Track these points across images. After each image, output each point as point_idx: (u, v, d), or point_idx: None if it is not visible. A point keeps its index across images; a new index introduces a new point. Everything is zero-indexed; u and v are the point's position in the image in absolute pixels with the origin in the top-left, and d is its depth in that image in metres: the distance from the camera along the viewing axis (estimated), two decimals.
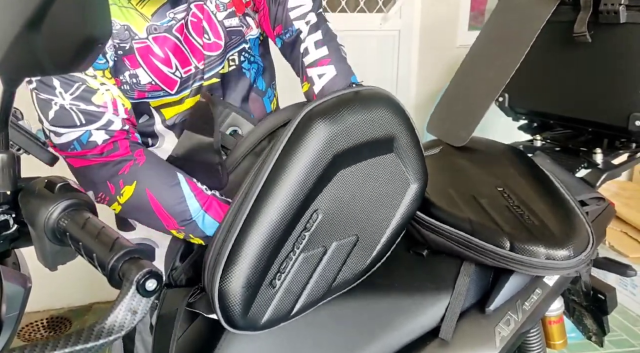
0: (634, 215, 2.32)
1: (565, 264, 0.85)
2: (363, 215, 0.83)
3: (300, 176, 0.76)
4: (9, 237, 0.64)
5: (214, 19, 0.98)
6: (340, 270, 0.84)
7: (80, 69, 0.56)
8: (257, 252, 0.75)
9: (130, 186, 0.88)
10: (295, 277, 0.79)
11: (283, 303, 0.79)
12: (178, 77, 0.96)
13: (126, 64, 0.92)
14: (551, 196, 0.97)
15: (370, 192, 0.83)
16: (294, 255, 0.79)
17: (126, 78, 0.93)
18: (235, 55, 1.04)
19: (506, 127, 1.45)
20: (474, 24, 2.52)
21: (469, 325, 0.91)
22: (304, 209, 0.77)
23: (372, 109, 0.80)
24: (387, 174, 0.84)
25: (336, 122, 0.77)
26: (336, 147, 0.77)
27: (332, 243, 0.81)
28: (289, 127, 0.78)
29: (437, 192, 1.01)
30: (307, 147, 0.76)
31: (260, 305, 0.78)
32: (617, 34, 1.08)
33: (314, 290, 0.82)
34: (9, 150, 0.61)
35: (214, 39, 0.99)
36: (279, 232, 0.76)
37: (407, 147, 0.85)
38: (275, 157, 0.77)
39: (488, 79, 1.17)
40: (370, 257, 0.86)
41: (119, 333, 0.50)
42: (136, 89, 0.95)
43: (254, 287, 0.76)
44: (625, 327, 2.21)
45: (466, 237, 0.91)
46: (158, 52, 0.94)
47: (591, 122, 1.18)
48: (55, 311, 2.31)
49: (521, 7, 1.18)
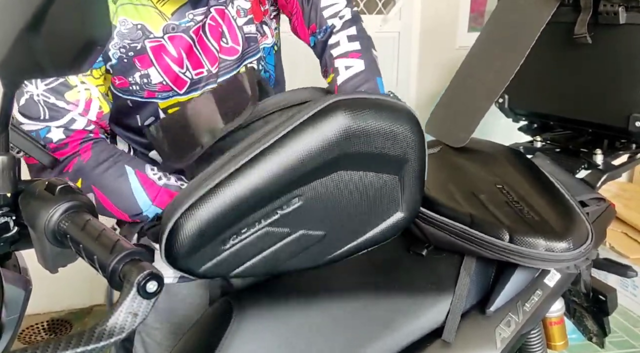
0: (635, 216, 2.32)
1: (565, 256, 0.85)
2: (339, 219, 0.81)
3: (302, 157, 0.74)
4: (10, 240, 0.63)
5: (234, 24, 0.98)
6: (293, 258, 0.81)
7: (80, 71, 0.56)
8: (229, 204, 0.72)
9: (77, 183, 0.87)
10: (249, 245, 0.77)
11: (225, 263, 0.77)
12: (188, 78, 0.96)
13: (136, 65, 0.92)
14: (551, 194, 0.97)
15: (357, 202, 0.81)
16: (258, 225, 0.76)
17: (136, 79, 0.93)
18: (254, 63, 1.03)
19: (506, 128, 1.45)
20: (473, 25, 2.53)
21: (469, 326, 0.91)
22: (289, 189, 0.75)
23: (398, 124, 0.78)
24: (382, 193, 0.82)
25: (359, 121, 0.75)
26: (347, 146, 0.75)
27: (299, 230, 0.79)
28: (312, 107, 0.76)
29: (436, 188, 1.01)
30: (320, 133, 0.74)
31: (204, 256, 0.75)
32: (616, 34, 1.08)
33: (260, 263, 0.79)
34: (9, 153, 0.61)
35: (232, 43, 0.98)
36: (257, 198, 0.73)
37: (414, 176, 0.83)
38: (287, 129, 0.75)
39: (488, 81, 1.17)
40: (326, 258, 0.83)
41: (120, 336, 0.50)
42: (146, 89, 0.94)
43: (210, 233, 0.73)
44: (626, 328, 2.21)
45: (466, 229, 0.91)
46: (172, 52, 0.93)
47: (591, 123, 1.18)
48: (55, 313, 2.31)
49: (521, 9, 1.18)
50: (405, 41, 2.52)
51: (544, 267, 0.87)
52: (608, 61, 1.11)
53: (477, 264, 0.94)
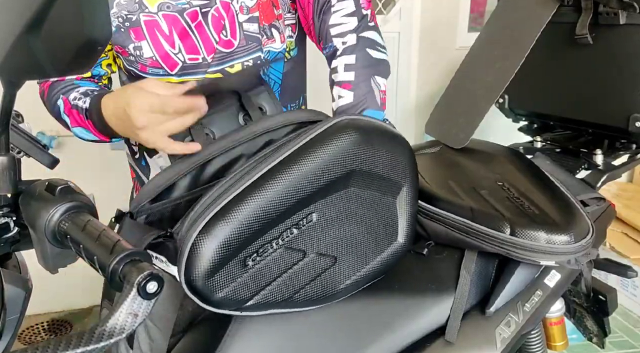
0: (635, 216, 2.32)
1: (566, 249, 0.85)
2: (348, 242, 0.83)
3: (317, 170, 0.75)
4: (10, 240, 0.64)
5: (236, 19, 1.00)
6: (309, 284, 0.81)
7: (81, 71, 0.56)
8: (248, 219, 0.72)
9: None
10: (268, 267, 0.77)
11: (245, 287, 0.76)
12: (180, 60, 0.98)
13: (131, 36, 0.96)
14: (551, 191, 0.97)
15: (363, 223, 0.83)
16: (276, 245, 0.77)
17: (131, 50, 0.97)
18: (250, 62, 1.03)
19: (506, 128, 1.45)
20: (473, 25, 2.53)
21: (469, 326, 0.91)
22: (305, 204, 0.77)
23: (396, 150, 0.84)
24: (384, 216, 0.85)
25: (366, 142, 0.79)
26: (357, 163, 0.79)
27: (312, 253, 0.80)
28: (323, 124, 0.80)
29: (437, 184, 1.02)
30: (333, 147, 0.77)
31: (225, 277, 0.74)
32: (617, 35, 1.08)
33: (277, 289, 0.79)
34: (9, 153, 0.61)
35: (230, 36, 1.00)
36: (276, 212, 0.74)
37: (408, 202, 0.87)
38: (300, 142, 0.77)
39: (488, 81, 1.17)
40: (337, 288, 0.84)
41: (120, 336, 0.50)
42: (139, 62, 0.98)
43: (230, 253, 0.72)
44: (626, 328, 2.21)
45: (467, 222, 0.91)
46: (164, 29, 0.96)
47: (591, 123, 1.19)
48: (56, 314, 2.31)
49: (521, 9, 1.18)
50: (405, 41, 2.52)
51: (544, 260, 0.87)
52: (608, 61, 1.11)
53: (477, 264, 0.94)
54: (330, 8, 1.01)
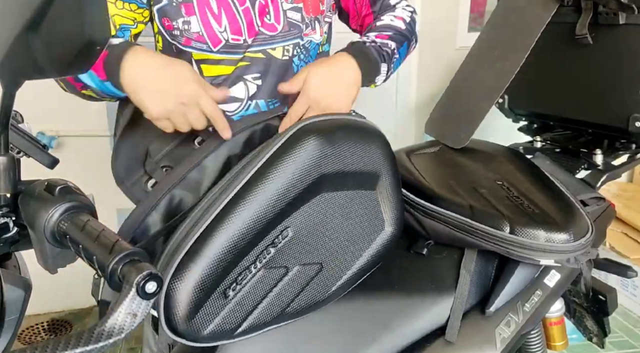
0: (635, 216, 2.32)
1: (565, 247, 0.85)
2: (332, 245, 0.81)
3: (282, 187, 0.74)
4: (9, 240, 0.63)
5: (280, 7, 1.03)
6: (297, 296, 0.80)
7: (81, 71, 0.56)
8: (219, 254, 0.71)
9: None
10: (251, 292, 0.76)
11: (231, 316, 0.75)
12: (224, 38, 1.00)
13: (181, 11, 0.98)
14: (551, 191, 0.97)
15: (344, 223, 0.81)
16: (254, 269, 0.75)
17: (178, 24, 0.99)
18: (290, 47, 1.06)
19: (506, 128, 1.45)
20: (473, 25, 2.52)
21: (469, 326, 0.91)
22: (276, 222, 0.75)
23: (365, 142, 0.81)
24: (365, 210, 0.83)
25: (329, 143, 0.77)
26: (324, 167, 0.76)
27: (295, 266, 0.78)
28: (281, 137, 0.78)
29: (437, 183, 1.01)
30: (295, 160, 0.75)
31: (208, 314, 0.73)
32: (616, 35, 1.08)
33: (266, 310, 0.78)
34: (8, 153, 0.61)
35: (273, 21, 1.03)
36: (246, 240, 0.73)
37: (390, 189, 0.85)
38: (260, 162, 0.75)
39: (488, 82, 1.17)
40: (329, 291, 0.83)
41: (119, 336, 0.50)
42: (185, 36, 0.99)
43: (206, 291, 0.71)
44: (626, 328, 2.21)
45: (467, 221, 0.91)
46: (214, 8, 0.98)
47: (591, 123, 1.19)
48: (55, 314, 2.31)
49: (521, 10, 1.18)
50: None
51: (544, 258, 0.87)
52: (608, 61, 1.11)
53: (477, 263, 0.94)
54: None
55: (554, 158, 1.19)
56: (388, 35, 1.07)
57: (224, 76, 1.03)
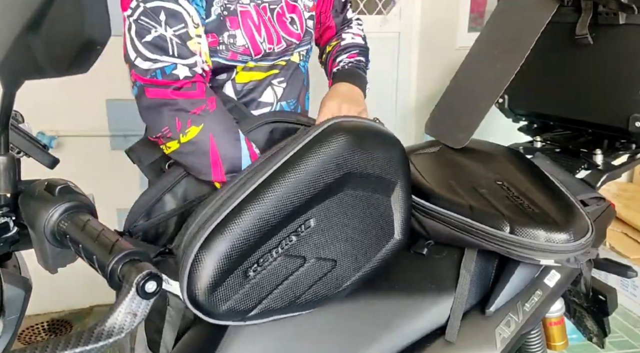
0: (635, 216, 2.32)
1: (565, 247, 0.85)
2: (347, 244, 0.83)
3: (311, 177, 0.76)
4: (9, 240, 0.64)
5: (303, 16, 1.10)
6: (309, 288, 0.82)
7: (81, 71, 0.56)
8: (247, 232, 0.73)
9: (197, 127, 0.92)
10: (269, 276, 0.78)
11: (248, 297, 0.77)
12: (263, 48, 1.04)
13: (227, 25, 1.00)
14: (551, 191, 0.97)
15: (360, 224, 0.84)
16: (276, 254, 0.77)
17: (224, 38, 1.00)
18: (304, 52, 1.15)
19: (506, 128, 1.45)
20: (473, 25, 2.52)
21: (469, 326, 0.91)
22: (301, 211, 0.77)
23: (388, 149, 0.85)
24: (380, 215, 0.86)
25: (358, 144, 0.80)
26: (351, 166, 0.79)
27: (312, 258, 0.81)
28: (313, 130, 0.81)
29: (437, 182, 1.02)
30: (326, 153, 0.77)
31: (227, 290, 0.74)
32: (616, 35, 1.08)
33: (280, 296, 0.79)
34: (9, 153, 0.61)
35: (299, 30, 1.10)
36: (273, 223, 0.75)
37: (402, 199, 0.88)
38: (293, 150, 0.78)
39: (488, 82, 1.17)
40: (338, 289, 0.85)
41: (119, 336, 0.50)
42: (231, 50, 1.01)
43: (230, 266, 0.73)
44: (626, 328, 2.21)
45: (466, 220, 0.91)
46: (255, 19, 1.02)
47: (591, 123, 1.18)
48: (55, 314, 2.31)
49: (521, 10, 1.18)
50: (405, 41, 2.52)
51: (543, 258, 0.87)
52: (608, 61, 1.11)
53: (477, 264, 0.94)
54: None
55: (554, 158, 1.19)
56: (356, 53, 1.22)
57: (255, 82, 1.08)
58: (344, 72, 1.17)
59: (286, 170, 0.76)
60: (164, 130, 0.92)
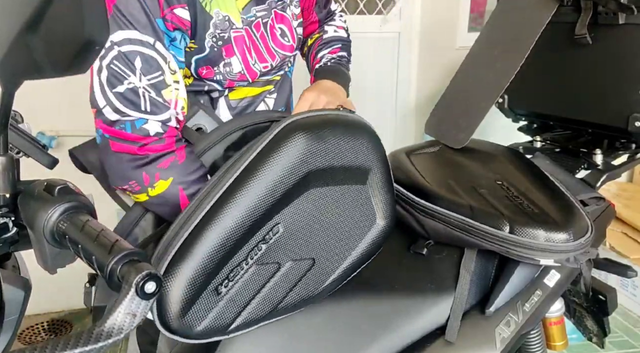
0: (634, 216, 2.32)
1: (565, 247, 0.85)
2: (323, 240, 0.81)
3: (271, 184, 0.74)
4: (9, 240, 0.63)
5: (292, 25, 1.08)
6: (290, 291, 0.80)
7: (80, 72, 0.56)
8: (209, 251, 0.71)
9: (165, 181, 0.89)
10: (243, 288, 0.76)
11: (224, 313, 0.75)
12: (257, 69, 1.03)
13: (222, 54, 0.98)
14: (550, 191, 0.97)
15: (335, 218, 0.81)
16: (246, 265, 0.75)
17: (220, 68, 0.99)
18: (292, 59, 1.15)
19: (505, 128, 1.45)
20: (473, 25, 2.52)
21: (469, 326, 0.91)
22: (266, 219, 0.75)
23: (354, 137, 0.80)
24: (356, 204, 0.83)
25: (318, 139, 0.77)
26: (312, 163, 0.76)
27: (287, 261, 0.79)
28: (269, 133, 0.77)
29: (437, 182, 1.01)
30: (283, 156, 0.74)
31: (200, 310, 0.73)
32: (616, 34, 1.08)
33: (259, 306, 0.78)
34: (8, 153, 0.61)
35: (291, 41, 1.08)
36: (236, 237, 0.73)
37: (380, 184, 0.85)
38: (248, 159, 0.75)
39: (488, 82, 1.17)
40: (322, 286, 0.83)
41: (118, 336, 0.50)
42: (228, 78, 1.00)
43: (198, 288, 0.72)
44: (626, 328, 2.21)
45: (466, 220, 0.91)
46: (247, 41, 1.00)
47: (591, 123, 1.18)
48: (55, 314, 2.31)
49: (521, 10, 1.18)
50: (405, 41, 2.52)
51: (543, 258, 0.87)
52: (607, 61, 1.11)
53: (476, 263, 0.94)
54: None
55: (554, 158, 1.19)
56: (339, 47, 1.20)
57: (250, 98, 1.07)
58: (326, 69, 1.16)
59: (244, 181, 0.73)
60: (131, 183, 0.89)
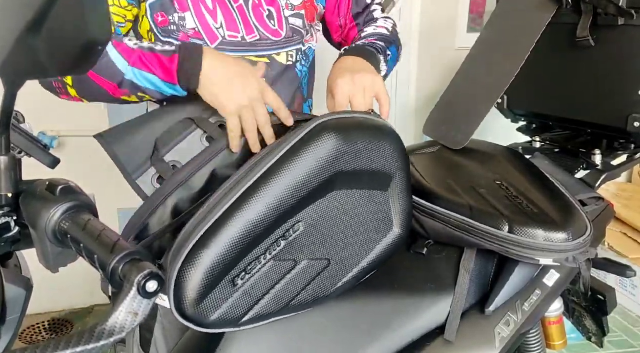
0: (633, 216, 2.32)
1: (564, 247, 0.85)
2: (341, 242, 0.81)
3: (297, 182, 0.74)
4: (11, 240, 0.64)
5: (282, 13, 1.08)
6: (303, 290, 0.80)
7: (82, 71, 0.56)
8: (230, 243, 0.72)
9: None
10: (259, 282, 0.76)
11: (238, 305, 0.76)
12: (221, 35, 1.03)
13: (175, 6, 1.00)
14: (550, 191, 0.97)
15: (355, 222, 0.81)
16: (264, 259, 0.76)
17: (174, 19, 1.01)
18: (293, 53, 1.12)
19: (505, 128, 1.45)
20: (473, 26, 2.53)
21: (469, 326, 0.91)
22: (288, 216, 0.76)
23: (382, 142, 0.80)
24: (376, 210, 0.83)
25: (347, 142, 0.77)
26: (340, 165, 0.77)
27: (303, 260, 0.79)
28: (300, 132, 0.78)
29: (436, 182, 1.02)
30: (312, 156, 0.75)
31: (216, 300, 0.74)
32: (616, 35, 1.08)
33: (272, 302, 0.78)
34: (10, 153, 0.61)
35: (277, 27, 1.08)
36: (258, 231, 0.73)
37: (401, 191, 0.85)
38: (278, 155, 0.76)
39: (487, 83, 1.17)
40: (334, 287, 0.83)
41: (120, 335, 0.50)
42: (182, 31, 1.01)
43: (216, 278, 0.72)
44: (625, 327, 2.22)
45: (466, 220, 0.91)
46: (208, 4, 1.01)
47: (590, 123, 1.19)
48: (56, 313, 2.32)
49: (521, 11, 1.19)
50: (405, 42, 2.52)
51: (542, 257, 0.87)
52: (607, 62, 1.11)
53: (476, 263, 0.94)
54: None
55: (553, 158, 1.19)
56: (375, 39, 1.15)
57: None
58: (349, 50, 1.10)
59: (270, 177, 0.74)
60: (56, 86, 0.98)
